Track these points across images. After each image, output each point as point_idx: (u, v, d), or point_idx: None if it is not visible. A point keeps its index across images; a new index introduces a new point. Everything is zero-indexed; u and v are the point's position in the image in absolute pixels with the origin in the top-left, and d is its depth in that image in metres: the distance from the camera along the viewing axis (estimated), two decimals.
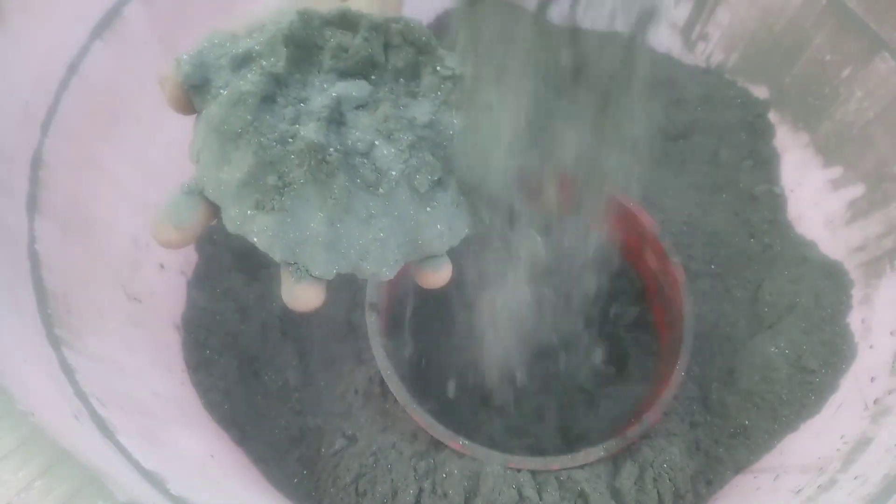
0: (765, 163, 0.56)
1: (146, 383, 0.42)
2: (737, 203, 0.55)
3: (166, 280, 0.48)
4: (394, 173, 0.26)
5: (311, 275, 0.26)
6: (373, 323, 0.45)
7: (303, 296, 0.26)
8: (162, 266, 0.48)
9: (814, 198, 0.53)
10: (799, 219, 0.54)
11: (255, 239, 0.25)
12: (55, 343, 0.36)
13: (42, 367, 0.34)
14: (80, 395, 0.35)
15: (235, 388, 0.48)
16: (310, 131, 0.25)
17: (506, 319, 0.48)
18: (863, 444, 0.39)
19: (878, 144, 0.49)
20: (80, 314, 0.39)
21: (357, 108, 0.26)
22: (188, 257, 0.51)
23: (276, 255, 0.26)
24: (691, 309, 0.47)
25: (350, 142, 0.25)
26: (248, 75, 0.25)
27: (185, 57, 0.25)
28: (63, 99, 0.41)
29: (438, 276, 0.28)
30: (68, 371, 0.35)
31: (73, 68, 0.41)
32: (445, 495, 0.41)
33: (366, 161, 0.26)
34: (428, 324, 0.51)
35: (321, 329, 0.51)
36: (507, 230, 0.33)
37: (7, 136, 0.38)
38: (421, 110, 0.27)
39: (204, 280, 0.51)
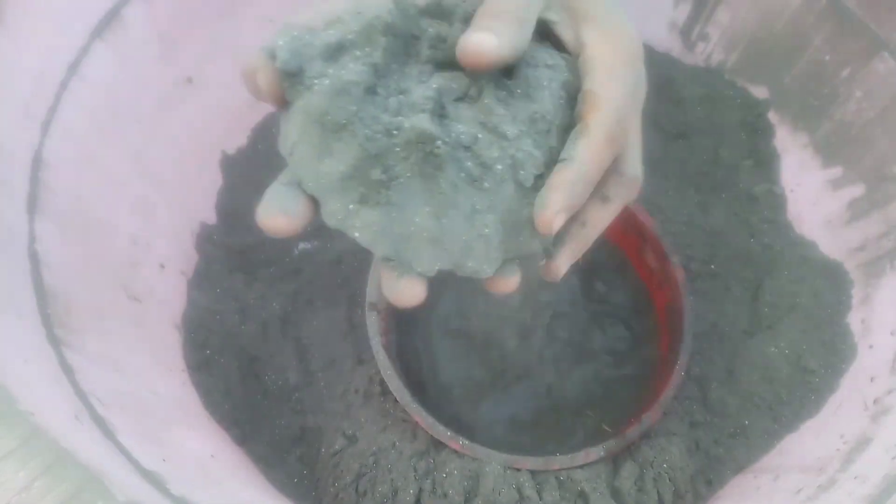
0: (764, 163, 0.56)
1: (146, 383, 0.42)
2: (736, 203, 0.55)
3: (166, 280, 0.48)
4: (499, 167, 0.25)
5: (415, 271, 0.25)
6: (373, 323, 0.45)
7: (407, 290, 0.25)
8: (162, 266, 0.48)
9: (813, 198, 0.54)
10: (799, 219, 0.54)
11: (357, 234, 0.25)
12: (55, 343, 0.36)
13: (42, 367, 0.34)
14: (81, 394, 0.35)
15: (236, 387, 0.48)
16: (421, 121, 0.24)
17: (506, 319, 0.48)
18: (862, 443, 0.39)
19: (877, 144, 0.49)
20: (80, 314, 0.39)
21: (456, 100, 0.26)
22: (188, 257, 0.51)
23: (379, 251, 0.25)
24: (691, 309, 0.47)
25: (454, 134, 0.25)
26: (350, 65, 0.24)
27: (280, 43, 0.24)
28: (63, 99, 0.41)
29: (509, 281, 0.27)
30: (68, 371, 0.35)
31: (73, 68, 0.41)
32: (445, 495, 0.41)
33: (470, 154, 0.25)
34: (428, 323, 0.51)
35: (321, 329, 0.51)
36: None
37: (7, 136, 0.38)
38: (522, 101, 0.26)
39: (204, 280, 0.51)
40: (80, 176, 0.42)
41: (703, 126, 0.57)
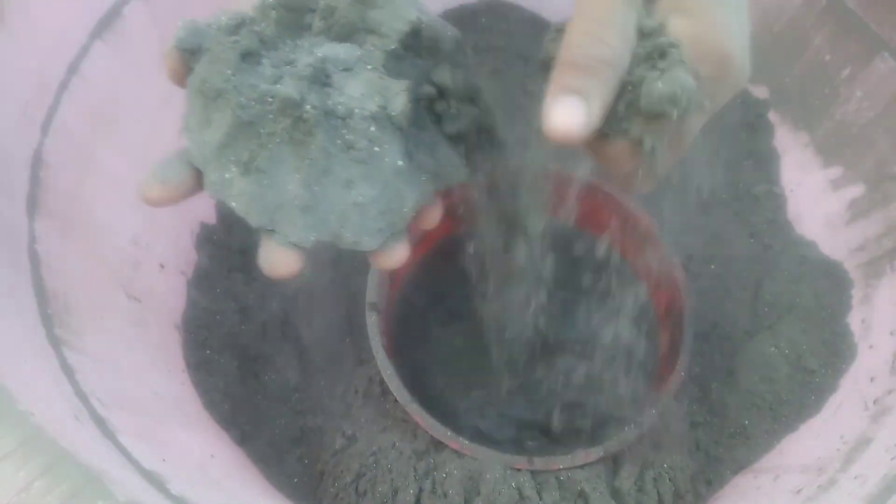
0: (765, 163, 0.56)
1: (146, 383, 0.42)
2: (737, 203, 0.55)
3: (166, 280, 0.48)
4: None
5: (289, 241, 0.25)
6: (373, 323, 0.45)
7: (279, 261, 0.25)
8: (162, 266, 0.48)
9: (814, 198, 0.54)
10: (799, 219, 0.54)
11: (234, 204, 0.25)
12: (55, 343, 0.36)
13: (42, 367, 0.34)
14: (81, 394, 0.35)
15: (235, 387, 0.48)
16: (286, 87, 0.24)
17: (507, 319, 0.48)
18: (862, 444, 0.39)
19: (877, 144, 0.49)
20: (80, 314, 0.39)
21: (344, 70, 0.25)
22: (188, 257, 0.51)
23: (253, 221, 0.25)
24: (691, 309, 0.47)
25: (330, 103, 0.25)
26: (232, 36, 0.25)
27: (180, 23, 0.25)
28: (63, 99, 0.41)
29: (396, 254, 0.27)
30: (68, 371, 0.35)
31: (73, 68, 0.41)
32: (445, 495, 0.41)
33: (347, 124, 0.25)
34: (428, 323, 0.51)
35: (321, 329, 0.51)
36: (516, 232, 0.33)
37: (7, 137, 0.38)
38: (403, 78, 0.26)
39: (204, 280, 0.51)
40: (80, 176, 0.42)
41: (704, 126, 0.57)
